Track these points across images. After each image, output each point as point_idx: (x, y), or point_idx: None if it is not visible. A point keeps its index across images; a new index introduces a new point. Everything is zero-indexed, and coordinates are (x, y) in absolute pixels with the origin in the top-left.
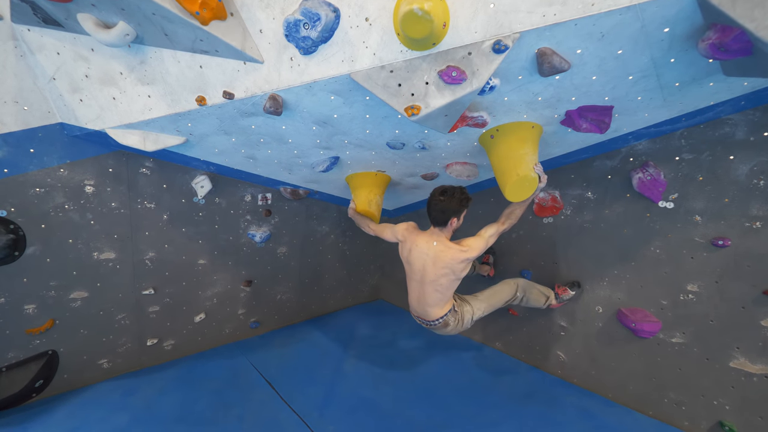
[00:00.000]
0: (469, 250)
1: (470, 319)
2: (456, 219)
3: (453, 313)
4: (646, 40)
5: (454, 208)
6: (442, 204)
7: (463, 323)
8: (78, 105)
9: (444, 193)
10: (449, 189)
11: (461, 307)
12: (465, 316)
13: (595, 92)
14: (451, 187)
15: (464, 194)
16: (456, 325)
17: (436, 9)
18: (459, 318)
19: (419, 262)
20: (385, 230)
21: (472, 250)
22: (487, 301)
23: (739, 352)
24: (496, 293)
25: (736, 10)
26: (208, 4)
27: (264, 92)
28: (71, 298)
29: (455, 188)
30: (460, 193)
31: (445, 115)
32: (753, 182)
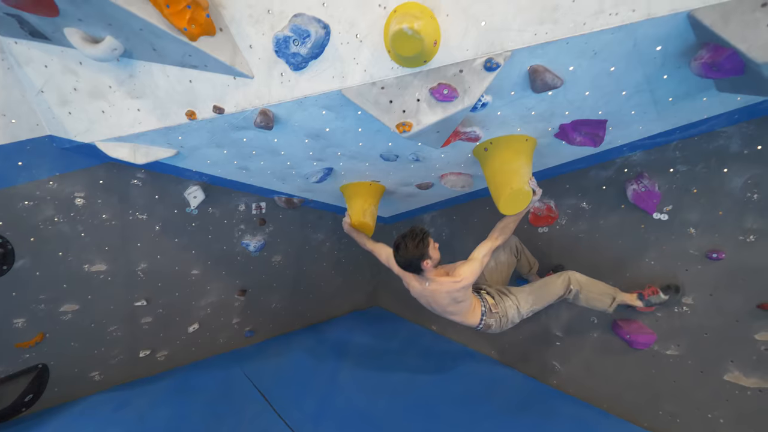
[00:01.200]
0: (462, 279)
1: (516, 313)
2: (428, 261)
3: (490, 315)
4: (639, 58)
5: (416, 256)
6: (403, 259)
7: (509, 318)
8: (67, 118)
9: (398, 249)
10: (400, 243)
11: (502, 303)
12: (509, 311)
13: (589, 107)
14: (402, 239)
15: (416, 238)
16: (500, 323)
17: (427, 28)
18: (501, 315)
19: (422, 299)
20: (381, 252)
21: (465, 279)
22: (535, 294)
23: (733, 365)
24: (545, 285)
25: (728, 30)
26: (196, 20)
27: (254, 107)
28: (62, 311)
29: (405, 239)
30: (411, 240)
31: (437, 131)
32: (747, 195)
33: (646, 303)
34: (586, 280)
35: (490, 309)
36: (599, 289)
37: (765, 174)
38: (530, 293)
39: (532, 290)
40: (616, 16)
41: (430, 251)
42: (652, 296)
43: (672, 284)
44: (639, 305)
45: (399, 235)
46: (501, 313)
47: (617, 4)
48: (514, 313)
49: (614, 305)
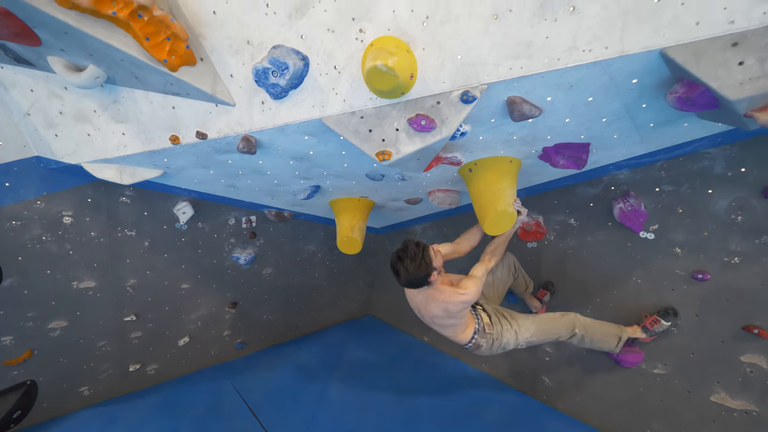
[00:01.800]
0: (467, 294)
1: (512, 339)
2: (434, 273)
3: (482, 335)
4: (616, 90)
5: (421, 276)
6: (407, 282)
7: (502, 343)
8: (53, 140)
9: (398, 274)
10: (399, 268)
11: (498, 326)
12: (504, 335)
13: (570, 132)
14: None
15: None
16: (491, 346)
17: (401, 63)
18: (494, 338)
19: (412, 303)
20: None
21: (470, 293)
22: (537, 326)
23: (719, 386)
24: (549, 321)
25: (700, 69)
26: (176, 51)
27: (237, 133)
28: (50, 327)
29: (403, 261)
30: (411, 262)
31: (418, 159)
32: (731, 217)
33: (650, 333)
34: (591, 322)
35: (484, 329)
36: (604, 330)
37: (748, 197)
38: (533, 323)
39: (535, 321)
40: (590, 52)
41: (434, 264)
42: (656, 326)
43: (669, 308)
44: (643, 337)
45: (393, 256)
46: (495, 335)
47: (590, 41)
48: (510, 339)
49: (620, 344)
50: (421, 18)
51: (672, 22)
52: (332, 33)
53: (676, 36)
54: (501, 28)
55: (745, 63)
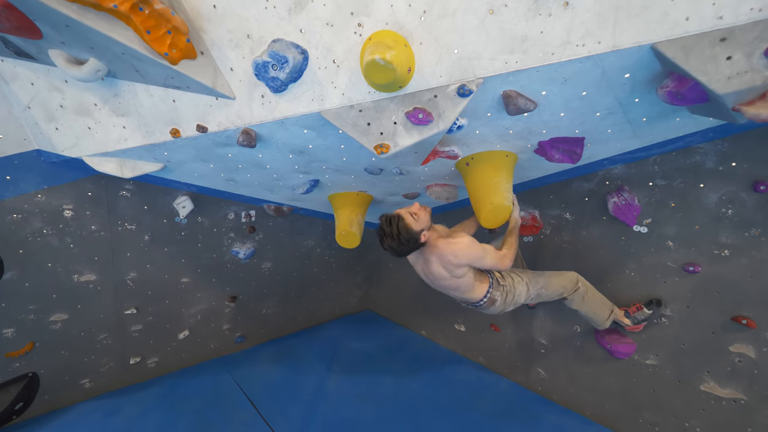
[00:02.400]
0: (458, 241)
1: (524, 290)
2: (423, 234)
3: (497, 287)
4: (609, 84)
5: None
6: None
7: (515, 295)
8: (54, 133)
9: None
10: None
11: (510, 279)
12: (517, 287)
13: (565, 126)
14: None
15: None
16: (505, 300)
17: (399, 57)
18: (508, 291)
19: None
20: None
21: (461, 242)
22: (546, 278)
23: (709, 375)
24: (556, 274)
25: (689, 63)
26: (176, 45)
27: (237, 126)
28: (51, 320)
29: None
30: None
31: (415, 152)
32: (722, 211)
33: (633, 320)
34: (591, 285)
35: (498, 281)
36: (602, 298)
37: (738, 191)
38: (542, 276)
39: (544, 274)
40: (583, 47)
41: (416, 228)
42: (637, 313)
43: (654, 299)
44: (627, 323)
45: (377, 233)
46: (508, 287)
47: (583, 36)
48: (522, 291)
49: (611, 319)
50: (418, 12)
51: (662, 18)
52: (331, 27)
53: (666, 31)
54: (496, 22)
55: (732, 58)
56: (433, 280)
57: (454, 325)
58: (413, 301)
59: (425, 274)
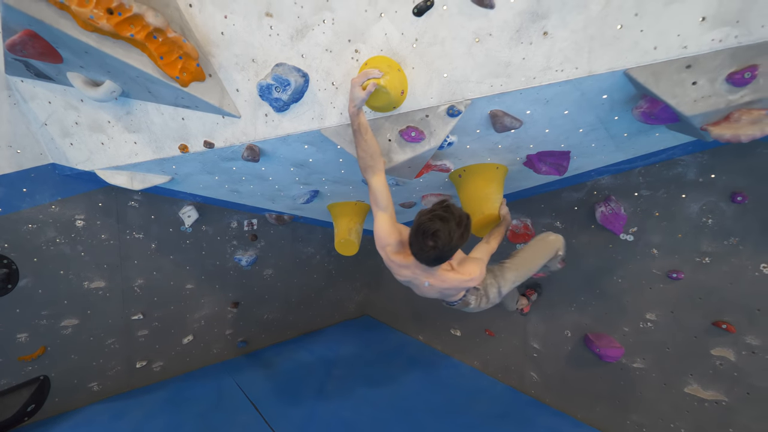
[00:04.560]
0: (472, 279)
1: (496, 294)
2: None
3: (473, 291)
4: (589, 104)
5: (454, 248)
6: (434, 252)
7: (489, 299)
8: (69, 148)
9: (436, 237)
10: (439, 230)
11: (485, 285)
12: (489, 291)
13: (551, 141)
14: (439, 222)
15: (462, 225)
16: (479, 304)
17: (393, 81)
18: (480, 296)
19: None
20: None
21: (474, 279)
22: (518, 270)
23: (692, 378)
24: (531, 257)
25: (659, 87)
26: (187, 68)
27: (242, 143)
28: (62, 325)
29: (448, 223)
30: (457, 228)
31: (409, 167)
32: (702, 220)
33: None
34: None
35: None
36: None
37: (718, 201)
38: (511, 269)
39: (513, 266)
40: (562, 72)
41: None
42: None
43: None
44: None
45: (429, 215)
46: (482, 291)
47: (562, 62)
48: (493, 293)
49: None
50: (410, 40)
51: (633, 47)
52: (330, 53)
53: (637, 59)
54: (482, 50)
55: (698, 83)
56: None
57: (450, 330)
58: (410, 307)
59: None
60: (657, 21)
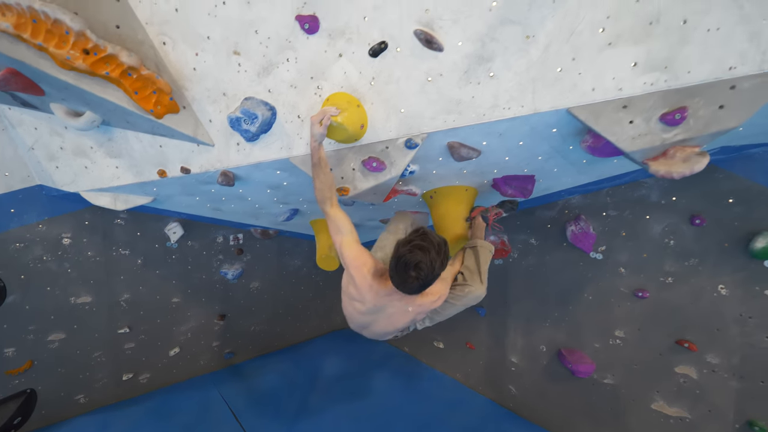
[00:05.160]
0: (439, 299)
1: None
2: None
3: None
4: (540, 136)
5: (436, 276)
6: (417, 282)
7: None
8: (55, 171)
9: (418, 269)
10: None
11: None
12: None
13: (513, 167)
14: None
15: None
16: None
17: (351, 117)
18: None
19: (366, 317)
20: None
21: (441, 298)
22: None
23: (658, 395)
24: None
25: (599, 125)
26: (161, 102)
27: (216, 169)
28: (49, 339)
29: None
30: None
31: (374, 193)
32: (665, 241)
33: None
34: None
35: None
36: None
37: (679, 223)
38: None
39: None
40: (509, 110)
41: None
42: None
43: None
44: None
45: (409, 247)
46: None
47: (509, 101)
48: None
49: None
50: (368, 78)
51: (572, 88)
52: (295, 88)
53: (577, 99)
54: (435, 88)
55: (634, 122)
56: (386, 330)
57: (433, 342)
58: None
59: (378, 327)
60: (593, 65)
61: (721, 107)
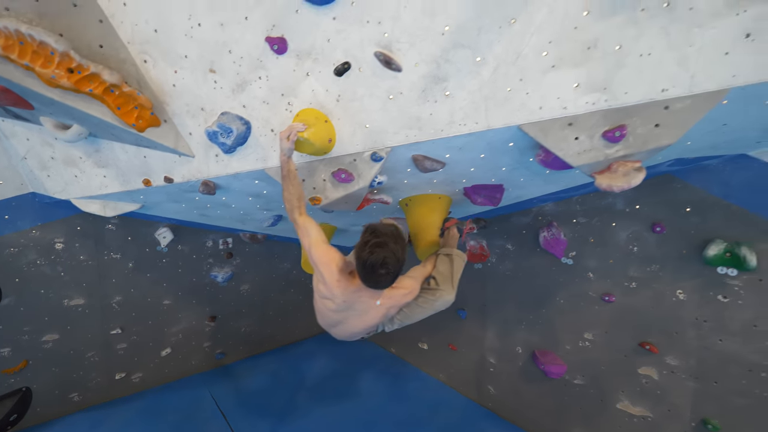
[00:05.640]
0: (410, 293)
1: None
2: None
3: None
4: (499, 150)
5: (402, 262)
6: (389, 277)
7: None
8: (46, 179)
9: (385, 265)
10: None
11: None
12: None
13: (480, 177)
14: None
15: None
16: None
17: (319, 132)
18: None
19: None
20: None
21: (413, 292)
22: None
23: (624, 395)
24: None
25: (548, 141)
26: (142, 117)
27: (197, 179)
28: (44, 340)
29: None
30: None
31: (345, 202)
32: (629, 247)
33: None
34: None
35: None
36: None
37: (642, 230)
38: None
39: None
40: (465, 126)
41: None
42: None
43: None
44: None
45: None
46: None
47: (464, 118)
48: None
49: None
50: (334, 96)
51: (521, 107)
52: (267, 104)
53: (526, 116)
54: (395, 106)
55: (579, 138)
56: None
57: (418, 343)
58: None
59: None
60: (539, 85)
61: (657, 126)
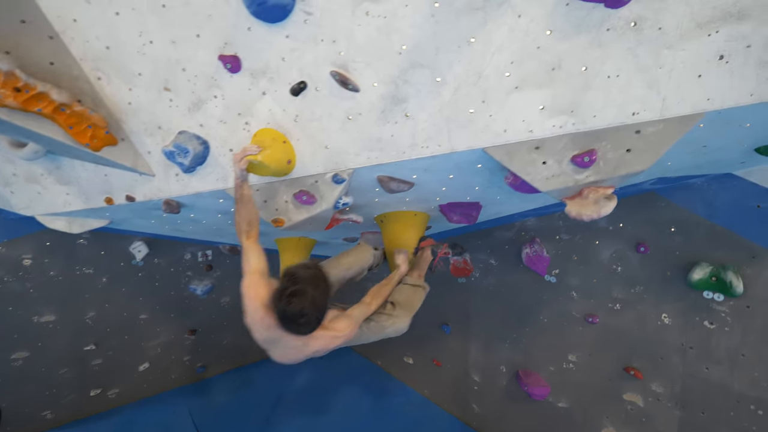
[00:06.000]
0: (339, 337)
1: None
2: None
3: None
4: (468, 171)
5: (324, 309)
6: (310, 326)
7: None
8: (11, 195)
9: (303, 314)
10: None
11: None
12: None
13: (453, 196)
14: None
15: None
16: None
17: (274, 155)
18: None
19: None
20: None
21: (346, 336)
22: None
23: (608, 420)
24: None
25: (514, 165)
26: (97, 136)
27: (159, 198)
28: (13, 358)
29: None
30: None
31: (311, 224)
32: (613, 267)
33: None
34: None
35: None
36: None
37: (625, 250)
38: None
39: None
40: (427, 148)
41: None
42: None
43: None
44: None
45: (283, 299)
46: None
47: (426, 140)
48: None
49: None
50: (292, 116)
51: (485, 129)
52: (224, 124)
53: (491, 139)
54: (355, 126)
55: (547, 163)
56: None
57: (404, 357)
58: None
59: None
60: (502, 108)
61: (628, 150)
